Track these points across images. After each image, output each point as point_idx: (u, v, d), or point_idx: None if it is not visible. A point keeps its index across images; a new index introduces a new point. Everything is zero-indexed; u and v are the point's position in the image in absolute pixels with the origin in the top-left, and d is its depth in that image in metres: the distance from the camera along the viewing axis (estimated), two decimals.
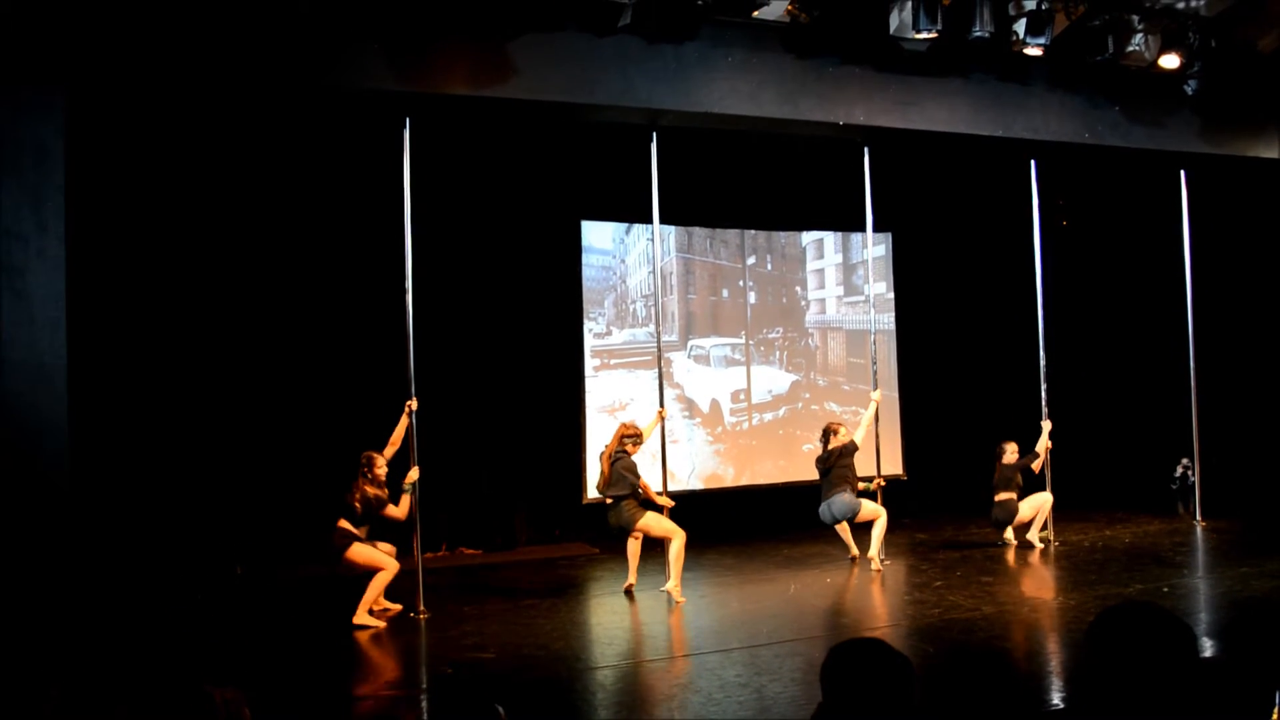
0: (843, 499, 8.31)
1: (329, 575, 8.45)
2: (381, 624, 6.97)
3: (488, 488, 9.74)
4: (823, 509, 8.42)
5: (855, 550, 8.63)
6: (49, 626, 5.77)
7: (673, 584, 7.49)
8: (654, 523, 7.61)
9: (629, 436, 7.74)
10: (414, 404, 7.26)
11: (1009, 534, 9.20)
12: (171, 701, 2.30)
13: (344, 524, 7.09)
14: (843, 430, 8.56)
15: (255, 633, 6.88)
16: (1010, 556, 8.83)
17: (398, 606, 7.21)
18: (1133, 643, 2.09)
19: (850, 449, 8.38)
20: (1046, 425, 9.14)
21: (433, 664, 6.25)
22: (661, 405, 8.13)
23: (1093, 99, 8.94)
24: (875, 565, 8.36)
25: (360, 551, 7.04)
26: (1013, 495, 9.05)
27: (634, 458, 7.69)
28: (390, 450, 7.26)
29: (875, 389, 8.88)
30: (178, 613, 7.33)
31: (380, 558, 7.11)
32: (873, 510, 8.44)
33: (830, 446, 8.47)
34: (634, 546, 7.77)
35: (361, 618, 6.94)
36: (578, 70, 7.33)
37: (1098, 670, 2.11)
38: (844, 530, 8.65)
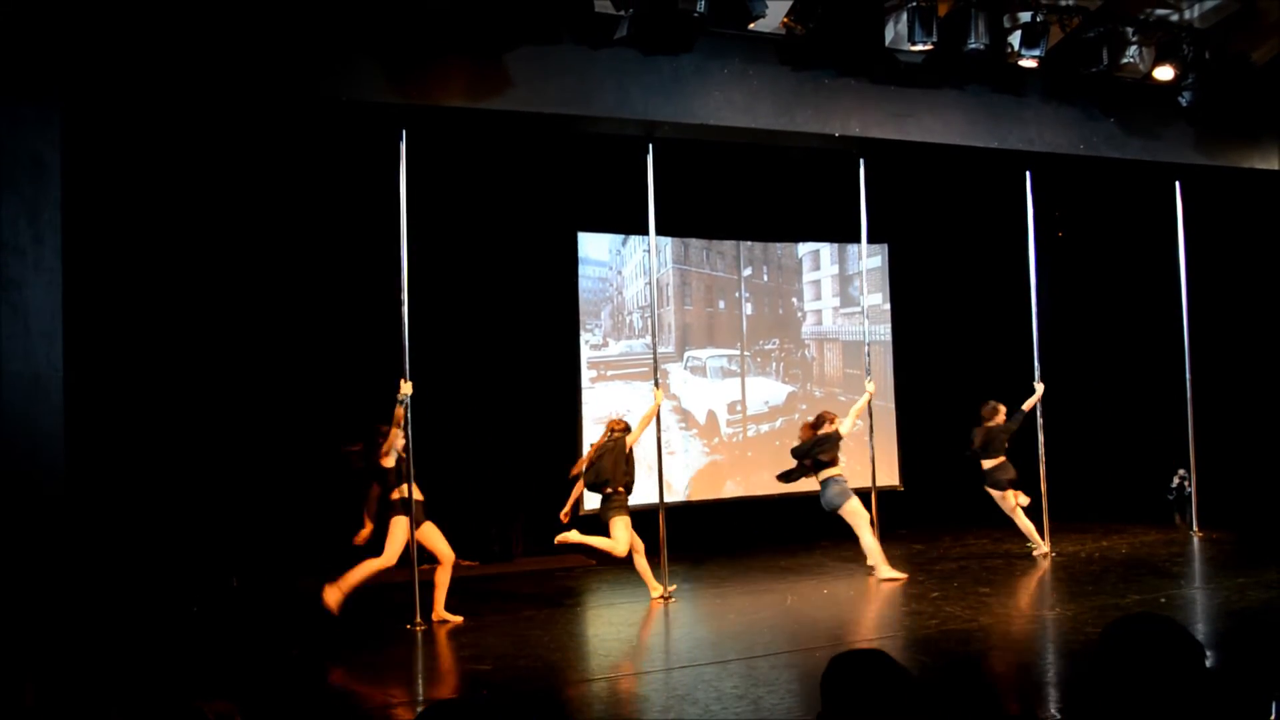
0: (831, 489, 8.32)
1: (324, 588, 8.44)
2: (459, 619, 7.29)
3: (485, 499, 9.73)
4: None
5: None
6: (45, 638, 5.75)
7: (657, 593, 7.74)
8: (619, 530, 7.71)
9: (619, 430, 7.87)
10: (407, 387, 7.26)
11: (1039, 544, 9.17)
12: (163, 717, 2.29)
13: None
14: (837, 421, 8.53)
15: (251, 645, 6.85)
16: (1007, 568, 8.82)
17: (459, 619, 7.33)
18: (1142, 655, 2.09)
19: (835, 439, 8.38)
20: (1039, 387, 9.22)
21: (429, 676, 6.24)
22: (657, 385, 8.10)
23: (1088, 111, 8.98)
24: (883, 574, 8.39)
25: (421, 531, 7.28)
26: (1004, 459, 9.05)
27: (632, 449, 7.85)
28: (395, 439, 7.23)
29: (869, 382, 8.91)
30: (173, 625, 7.31)
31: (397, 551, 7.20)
32: (855, 513, 8.32)
33: (820, 433, 8.44)
34: (638, 561, 7.80)
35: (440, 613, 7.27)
36: (574, 82, 7.34)
37: (1106, 681, 2.11)
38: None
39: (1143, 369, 11.61)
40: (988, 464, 9.09)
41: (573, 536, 7.81)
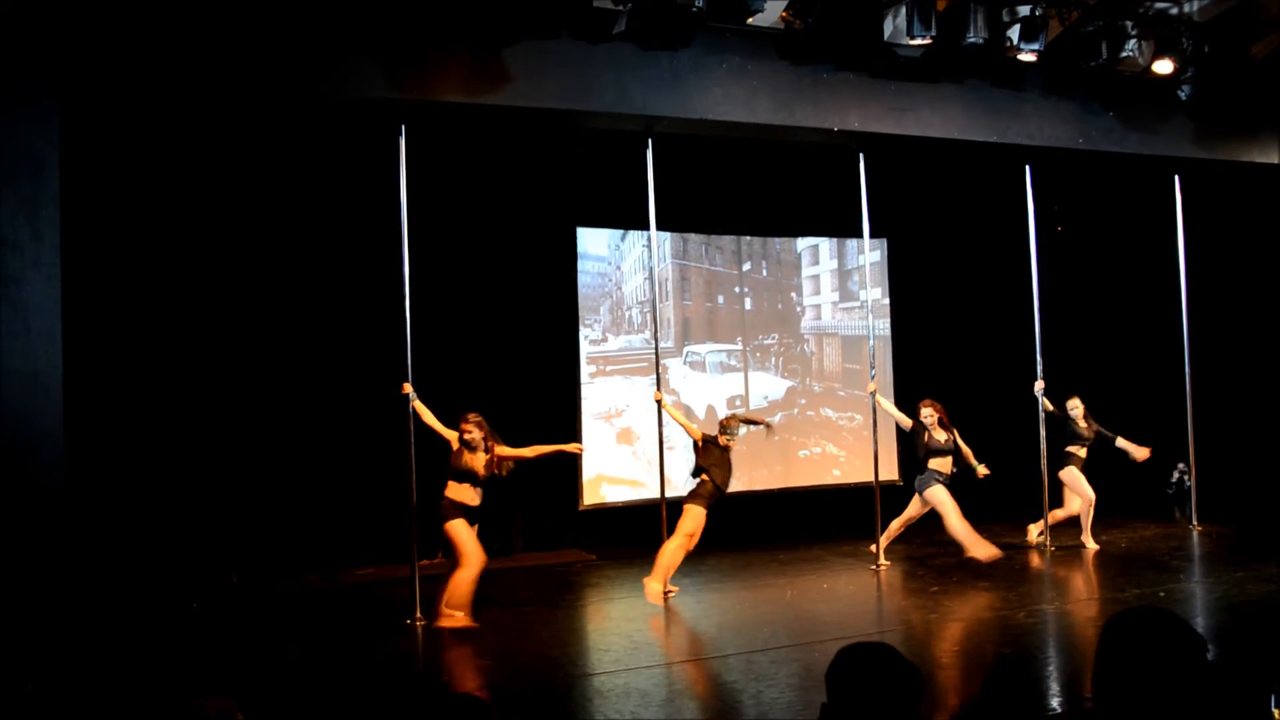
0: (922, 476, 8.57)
1: (324, 585, 8.46)
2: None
3: (484, 493, 9.70)
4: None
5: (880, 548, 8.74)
6: (46, 635, 5.75)
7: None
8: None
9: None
10: (407, 388, 7.23)
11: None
12: (163, 713, 2.30)
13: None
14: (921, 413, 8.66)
15: (251, 643, 6.85)
16: (1006, 562, 8.83)
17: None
18: (1143, 649, 2.10)
19: (919, 430, 8.62)
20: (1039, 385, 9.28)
21: (428, 673, 6.24)
22: (658, 388, 8.14)
23: (1087, 104, 8.98)
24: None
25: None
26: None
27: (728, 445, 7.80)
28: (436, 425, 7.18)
29: (871, 382, 8.97)
30: (173, 622, 7.32)
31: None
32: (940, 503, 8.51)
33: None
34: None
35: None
36: (572, 77, 7.34)
37: (1108, 674, 2.12)
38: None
39: (1142, 363, 11.60)
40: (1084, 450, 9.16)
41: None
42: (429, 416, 7.17)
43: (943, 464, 8.53)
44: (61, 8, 6.06)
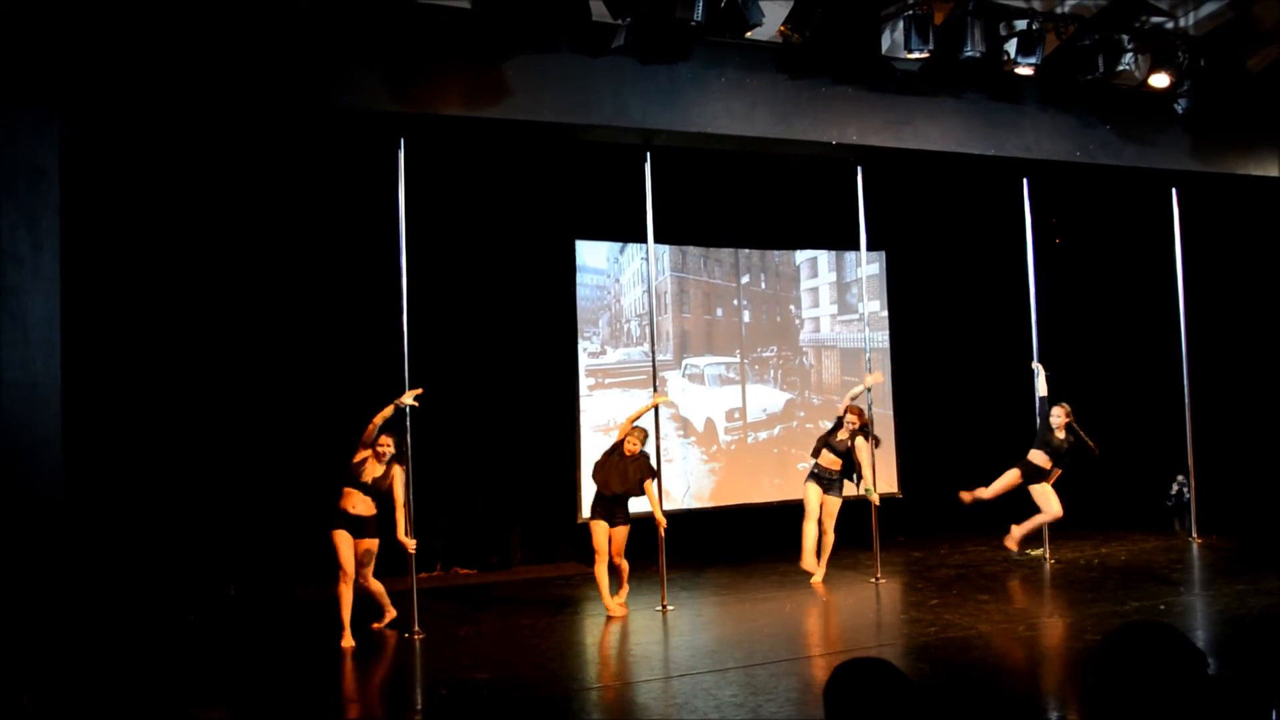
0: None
1: (322, 596, 8.42)
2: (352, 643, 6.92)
3: (483, 507, 9.72)
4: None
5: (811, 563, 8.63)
6: (42, 646, 5.74)
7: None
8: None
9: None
10: (408, 398, 7.22)
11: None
12: None
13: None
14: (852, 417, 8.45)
15: (248, 654, 6.83)
16: (1006, 575, 8.82)
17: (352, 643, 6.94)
18: (1143, 663, 2.09)
19: (835, 427, 8.51)
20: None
21: (428, 685, 6.22)
22: (655, 390, 8.17)
23: (1084, 118, 9.01)
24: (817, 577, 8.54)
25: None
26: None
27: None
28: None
29: (871, 375, 8.95)
30: (170, 633, 7.30)
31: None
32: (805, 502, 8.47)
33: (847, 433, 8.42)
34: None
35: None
36: (572, 91, 7.36)
37: (1106, 689, 2.11)
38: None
39: (1141, 375, 11.61)
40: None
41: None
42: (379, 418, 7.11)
43: (831, 462, 8.47)
44: (63, 19, 6.08)
